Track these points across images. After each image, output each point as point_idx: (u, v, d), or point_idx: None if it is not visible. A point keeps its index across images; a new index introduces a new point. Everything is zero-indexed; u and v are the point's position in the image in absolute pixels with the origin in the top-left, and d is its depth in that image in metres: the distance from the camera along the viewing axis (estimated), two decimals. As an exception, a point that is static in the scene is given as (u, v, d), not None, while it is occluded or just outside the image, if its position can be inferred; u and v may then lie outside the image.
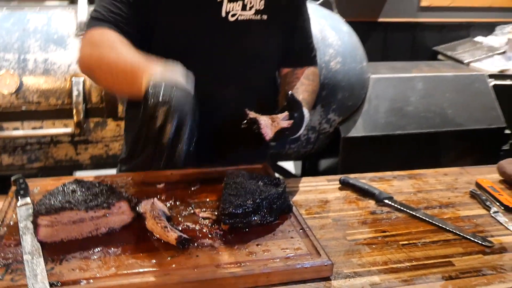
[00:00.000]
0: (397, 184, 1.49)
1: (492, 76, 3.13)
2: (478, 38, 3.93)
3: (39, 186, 1.32)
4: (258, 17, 1.44)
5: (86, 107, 2.11)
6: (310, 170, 3.01)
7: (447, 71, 2.94)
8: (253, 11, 1.43)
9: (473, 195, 1.42)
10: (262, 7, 1.44)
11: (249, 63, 1.49)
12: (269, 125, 1.27)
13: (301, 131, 1.37)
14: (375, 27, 3.90)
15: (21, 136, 2.11)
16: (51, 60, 2.11)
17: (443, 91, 2.78)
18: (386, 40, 3.97)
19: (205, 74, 1.32)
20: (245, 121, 1.27)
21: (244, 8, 1.42)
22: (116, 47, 1.22)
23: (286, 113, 1.31)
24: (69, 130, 2.10)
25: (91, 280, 0.95)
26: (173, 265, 1.00)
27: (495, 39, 3.83)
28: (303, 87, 1.52)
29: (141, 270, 0.99)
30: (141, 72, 1.06)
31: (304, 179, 1.51)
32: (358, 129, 2.58)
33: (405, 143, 2.65)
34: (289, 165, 3.30)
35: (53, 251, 1.04)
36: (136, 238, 1.11)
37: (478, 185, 1.47)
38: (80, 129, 2.07)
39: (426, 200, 1.40)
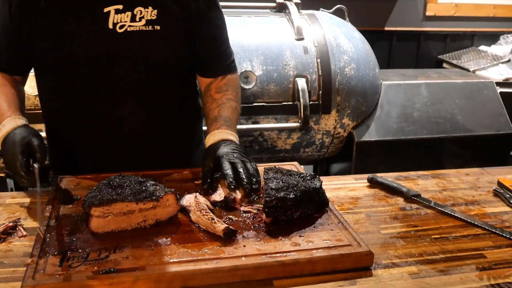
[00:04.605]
0: (422, 183, 1.54)
1: (497, 84, 3.21)
2: (482, 47, 4.01)
3: (79, 182, 1.37)
4: (150, 27, 1.38)
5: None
6: (321, 173, 3.07)
7: (456, 78, 3.00)
8: (143, 22, 1.38)
9: (496, 194, 1.47)
10: (154, 18, 1.38)
11: (146, 76, 1.44)
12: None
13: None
14: (381, 36, 3.97)
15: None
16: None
17: (452, 97, 2.84)
18: (392, 49, 4.04)
19: (97, 87, 1.41)
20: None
21: (133, 19, 1.37)
22: None
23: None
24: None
25: (147, 267, 1.00)
26: (222, 254, 1.05)
27: (499, 48, 3.91)
28: (214, 104, 1.50)
29: (193, 258, 1.03)
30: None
31: (332, 177, 1.57)
32: (371, 134, 2.64)
33: (416, 147, 2.71)
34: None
35: (106, 241, 1.09)
36: (182, 229, 1.15)
37: (500, 184, 1.52)
38: None
39: (452, 197, 1.45)
